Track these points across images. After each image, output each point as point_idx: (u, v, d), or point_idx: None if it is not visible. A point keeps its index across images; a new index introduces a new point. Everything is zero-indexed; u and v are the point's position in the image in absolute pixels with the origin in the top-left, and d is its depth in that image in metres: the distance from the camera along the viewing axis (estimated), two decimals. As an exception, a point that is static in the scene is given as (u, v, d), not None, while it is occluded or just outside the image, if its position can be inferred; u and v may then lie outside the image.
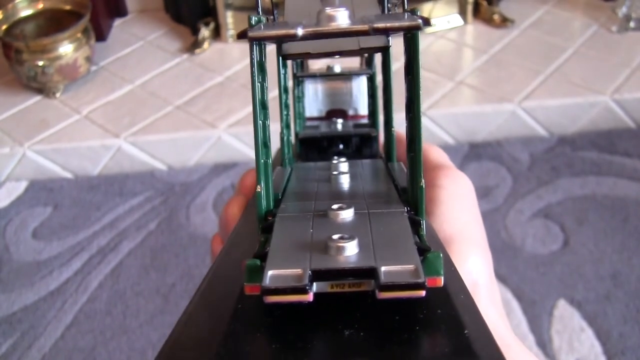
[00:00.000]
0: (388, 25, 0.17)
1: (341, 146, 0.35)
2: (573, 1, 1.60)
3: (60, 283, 1.05)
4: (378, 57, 0.29)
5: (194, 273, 1.06)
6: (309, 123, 0.40)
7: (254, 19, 0.19)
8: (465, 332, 0.15)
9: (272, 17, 0.22)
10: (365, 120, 0.40)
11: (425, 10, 1.50)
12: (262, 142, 0.21)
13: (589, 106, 1.28)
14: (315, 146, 0.35)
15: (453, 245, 0.26)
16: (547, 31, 1.49)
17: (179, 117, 1.31)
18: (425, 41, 1.47)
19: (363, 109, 0.40)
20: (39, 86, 1.37)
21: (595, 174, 1.19)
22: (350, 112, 0.41)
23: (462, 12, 1.52)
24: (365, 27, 0.17)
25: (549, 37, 1.47)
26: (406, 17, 0.18)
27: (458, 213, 0.27)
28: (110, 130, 1.28)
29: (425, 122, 1.26)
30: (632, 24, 1.46)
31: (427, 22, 0.17)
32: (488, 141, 1.30)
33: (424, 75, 1.36)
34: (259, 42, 0.20)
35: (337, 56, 0.39)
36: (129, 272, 1.07)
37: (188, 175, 1.27)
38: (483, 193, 1.17)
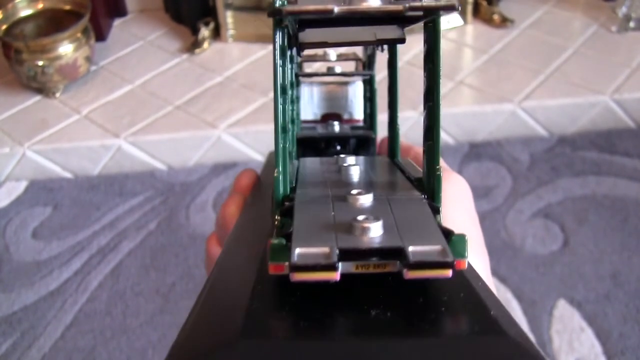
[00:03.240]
0: (425, 4, 0.17)
1: (338, 147, 0.35)
2: (573, 1, 1.60)
3: (60, 283, 1.05)
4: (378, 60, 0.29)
5: (194, 273, 1.06)
6: (304, 126, 0.40)
7: (278, 2, 0.19)
8: (492, 312, 0.16)
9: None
10: (360, 125, 0.40)
11: (425, 10, 1.50)
12: (281, 127, 0.21)
13: (589, 106, 1.28)
14: (312, 146, 0.35)
15: None
16: (547, 31, 1.49)
17: (178, 117, 1.31)
18: (425, 41, 1.47)
19: (358, 114, 0.41)
20: (39, 86, 1.37)
21: (595, 174, 1.19)
22: (345, 116, 0.41)
23: (462, 12, 1.52)
24: (399, 7, 0.17)
25: (548, 37, 1.47)
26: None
27: (455, 215, 0.27)
28: (110, 130, 1.28)
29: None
30: (632, 24, 1.46)
31: (454, 7, 0.17)
32: (488, 141, 1.30)
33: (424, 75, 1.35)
34: (282, 27, 0.20)
35: (337, 52, 0.39)
36: (129, 272, 1.07)
37: (188, 175, 1.27)
38: (483, 193, 1.17)
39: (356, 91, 0.40)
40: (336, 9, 0.17)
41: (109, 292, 1.03)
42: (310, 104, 0.40)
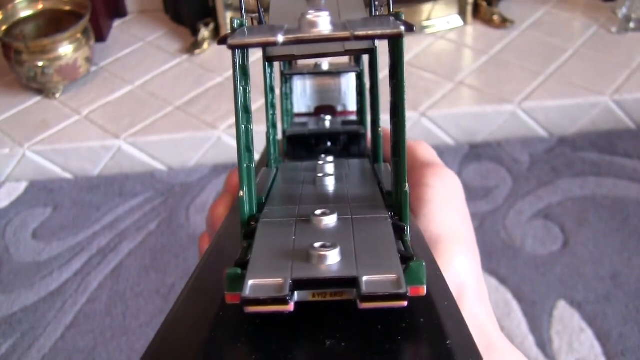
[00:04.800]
0: (370, 32, 0.16)
1: (329, 144, 0.35)
2: (573, 2, 1.60)
3: (60, 284, 1.05)
4: (366, 55, 0.29)
5: (193, 274, 1.06)
6: (297, 119, 0.40)
7: (236, 22, 0.19)
8: (448, 342, 0.15)
9: (257, 15, 0.22)
10: (353, 117, 0.40)
11: (425, 10, 1.50)
12: (244, 147, 0.21)
13: (589, 107, 1.28)
14: (302, 144, 0.35)
15: (440, 245, 0.26)
16: (547, 32, 1.49)
17: (178, 118, 1.31)
18: (425, 42, 1.47)
19: (352, 105, 0.40)
20: (39, 87, 1.37)
21: (595, 175, 1.19)
22: (339, 108, 0.41)
23: (462, 13, 1.52)
24: (346, 34, 0.16)
25: (548, 37, 1.47)
26: (389, 22, 0.17)
27: (445, 212, 0.27)
28: (110, 131, 1.28)
29: (425, 122, 1.26)
30: (631, 25, 1.46)
31: (410, 27, 0.17)
32: (488, 142, 1.30)
33: (424, 75, 1.36)
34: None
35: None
36: (129, 273, 1.07)
37: (188, 176, 1.27)
38: (483, 194, 1.17)
39: (349, 83, 0.40)
40: (281, 40, 0.17)
41: (109, 292, 1.03)
42: (303, 97, 0.40)
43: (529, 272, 1.01)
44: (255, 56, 0.33)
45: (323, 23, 0.17)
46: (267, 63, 0.26)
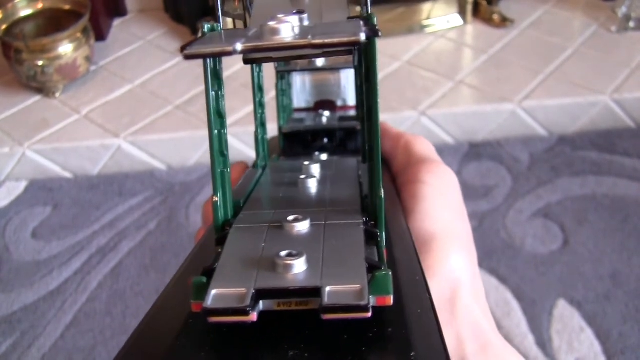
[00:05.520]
0: (326, 41, 0.16)
1: (325, 140, 0.35)
2: (573, 1, 1.60)
3: (60, 283, 1.05)
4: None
5: (193, 273, 1.06)
6: (296, 115, 0.39)
7: (206, 27, 0.19)
8: (412, 354, 0.15)
9: (243, 13, 0.22)
10: (353, 112, 0.40)
11: (425, 9, 1.50)
12: (218, 152, 0.21)
13: (589, 106, 1.28)
14: (299, 140, 0.35)
15: (435, 243, 0.25)
16: (547, 31, 1.49)
17: (178, 117, 1.31)
18: (425, 41, 1.47)
19: (351, 100, 0.40)
20: (39, 86, 1.37)
21: (595, 174, 1.19)
22: (339, 103, 0.40)
23: (462, 12, 1.52)
24: (305, 42, 0.16)
25: (548, 37, 1.47)
26: (353, 27, 0.17)
27: (441, 210, 0.27)
28: (110, 130, 1.28)
29: (425, 121, 1.26)
30: (631, 24, 1.46)
31: (374, 33, 0.16)
32: (488, 141, 1.30)
33: (424, 75, 1.36)
34: None
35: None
36: (129, 272, 1.07)
37: (188, 175, 1.27)
38: (483, 193, 1.17)
39: (349, 77, 0.40)
40: (239, 49, 0.16)
41: (109, 292, 1.03)
42: (302, 92, 0.40)
43: (528, 271, 1.01)
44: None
45: (285, 30, 0.17)
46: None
